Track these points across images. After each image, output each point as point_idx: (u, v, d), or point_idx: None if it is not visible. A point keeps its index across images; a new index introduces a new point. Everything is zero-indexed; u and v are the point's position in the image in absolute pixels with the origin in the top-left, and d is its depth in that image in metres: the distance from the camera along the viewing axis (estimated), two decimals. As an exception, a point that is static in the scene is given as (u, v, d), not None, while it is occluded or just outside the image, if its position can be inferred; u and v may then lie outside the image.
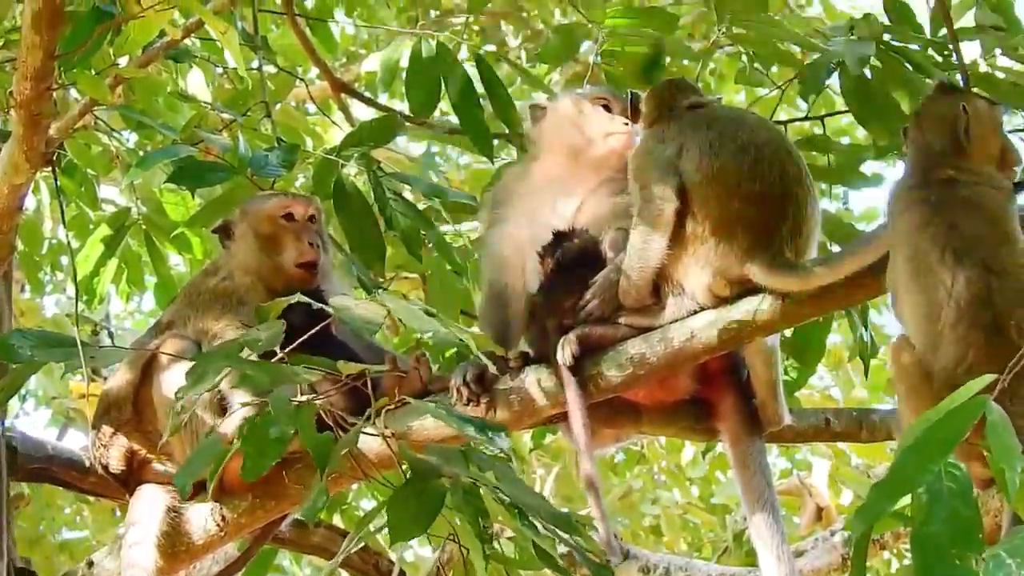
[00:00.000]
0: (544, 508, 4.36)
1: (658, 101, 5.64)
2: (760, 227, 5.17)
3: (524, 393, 5.42)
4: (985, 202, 4.77)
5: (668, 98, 5.63)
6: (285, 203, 6.04)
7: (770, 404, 5.58)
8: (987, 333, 4.52)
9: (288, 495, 5.54)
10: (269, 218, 5.99)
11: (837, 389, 13.39)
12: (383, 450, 5.09)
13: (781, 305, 5.14)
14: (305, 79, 9.57)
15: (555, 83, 10.96)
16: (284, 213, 5.99)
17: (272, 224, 5.97)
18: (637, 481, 13.36)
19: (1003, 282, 4.58)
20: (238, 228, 6.02)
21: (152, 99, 7.80)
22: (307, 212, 6.02)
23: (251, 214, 6.03)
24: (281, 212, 5.99)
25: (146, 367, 5.78)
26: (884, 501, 3.45)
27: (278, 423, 4.31)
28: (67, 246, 7.99)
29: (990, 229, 4.69)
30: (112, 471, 5.83)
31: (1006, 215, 4.76)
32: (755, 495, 5.56)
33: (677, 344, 5.27)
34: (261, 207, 6.03)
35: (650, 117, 5.63)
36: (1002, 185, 4.85)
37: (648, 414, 5.71)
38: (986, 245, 4.64)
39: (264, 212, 6.01)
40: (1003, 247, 4.67)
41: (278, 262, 5.90)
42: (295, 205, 6.03)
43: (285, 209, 6.00)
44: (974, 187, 4.79)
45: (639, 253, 5.30)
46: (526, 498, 4.34)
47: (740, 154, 5.23)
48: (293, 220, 5.98)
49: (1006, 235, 4.70)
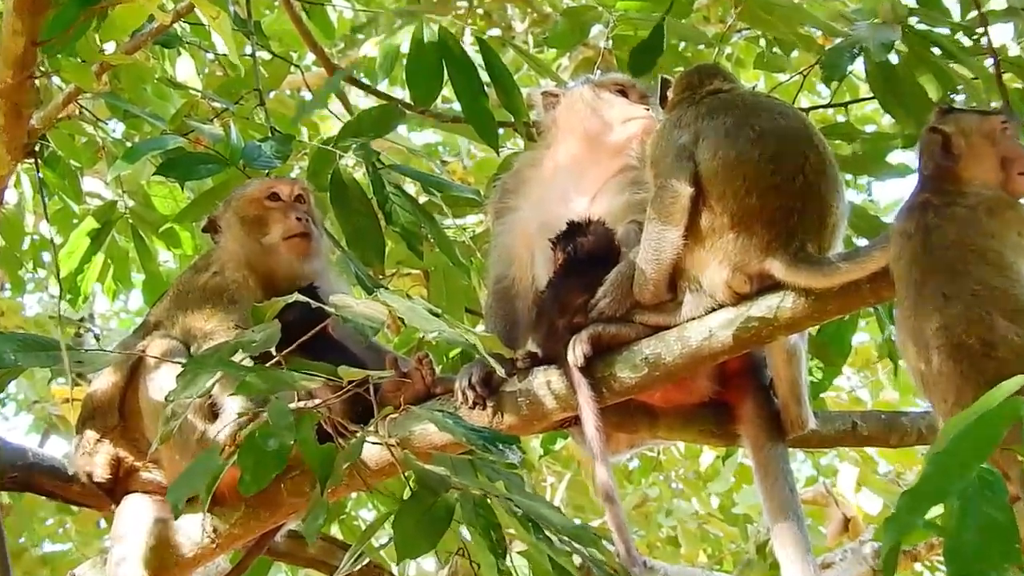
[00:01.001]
0: (558, 520, 4.36)
1: (683, 85, 5.65)
2: (781, 220, 5.16)
3: (533, 396, 5.42)
4: (946, 226, 4.79)
5: (694, 83, 5.63)
6: (268, 183, 6.06)
7: (793, 407, 5.58)
8: None
9: (283, 505, 5.54)
10: (253, 200, 5.99)
11: (865, 391, 13.39)
12: (384, 457, 5.10)
13: (804, 302, 5.13)
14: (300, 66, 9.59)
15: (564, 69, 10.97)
16: (268, 194, 6.00)
17: (257, 206, 5.98)
18: (653, 489, 13.36)
19: (957, 309, 4.61)
20: (223, 219, 6.03)
21: (140, 87, 7.81)
22: (293, 192, 6.02)
23: (234, 200, 6.04)
24: (265, 193, 6.00)
25: (133, 370, 5.78)
26: (915, 511, 3.44)
27: (277, 435, 4.29)
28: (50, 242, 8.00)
29: (954, 253, 4.71)
30: (97, 480, 5.83)
31: (974, 233, 4.77)
32: (778, 504, 5.55)
33: (694, 343, 5.26)
34: (243, 191, 6.06)
35: (673, 102, 5.64)
36: (977, 201, 4.86)
37: (664, 418, 5.71)
38: (943, 274, 4.67)
39: (247, 195, 6.02)
40: (968, 269, 4.68)
41: (266, 243, 5.90)
42: (279, 185, 6.04)
43: (269, 189, 6.01)
44: (942, 209, 4.82)
45: (653, 246, 5.29)
46: (540, 509, 4.34)
47: (758, 142, 5.23)
48: (279, 200, 5.99)
49: (975, 254, 4.71)
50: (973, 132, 5.03)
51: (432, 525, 4.18)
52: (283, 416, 4.34)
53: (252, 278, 5.87)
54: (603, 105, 5.91)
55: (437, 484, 4.27)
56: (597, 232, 5.59)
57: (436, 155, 12.92)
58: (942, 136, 5.00)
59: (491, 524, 4.22)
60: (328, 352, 5.04)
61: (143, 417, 5.73)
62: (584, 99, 5.95)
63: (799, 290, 5.14)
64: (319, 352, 4.79)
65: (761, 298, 5.20)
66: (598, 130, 5.86)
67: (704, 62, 6.12)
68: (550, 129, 6.03)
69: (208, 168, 6.46)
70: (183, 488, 4.56)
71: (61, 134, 7.68)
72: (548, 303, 5.54)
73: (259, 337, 4.47)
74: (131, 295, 13.71)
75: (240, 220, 5.97)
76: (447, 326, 4.47)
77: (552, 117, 6.02)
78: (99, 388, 5.85)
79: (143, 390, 5.70)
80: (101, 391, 5.84)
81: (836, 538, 11.47)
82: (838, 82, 6.74)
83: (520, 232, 5.83)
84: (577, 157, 5.87)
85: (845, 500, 11.76)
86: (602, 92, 5.96)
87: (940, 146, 5.00)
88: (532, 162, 6.04)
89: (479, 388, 5.41)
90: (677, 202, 5.24)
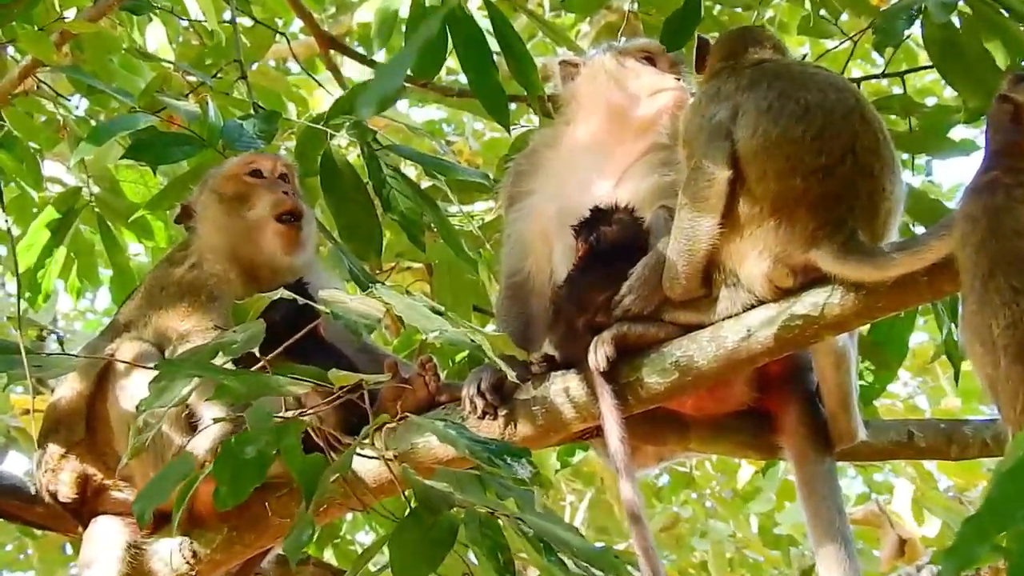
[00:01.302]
0: (575, 542, 4.37)
1: (725, 52, 5.63)
2: (828, 205, 5.15)
3: (549, 404, 5.42)
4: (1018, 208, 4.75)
5: (737, 49, 5.62)
6: (248, 158, 6.08)
7: (842, 417, 5.58)
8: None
9: (270, 527, 5.55)
10: (232, 177, 6.01)
11: (923, 397, 13.40)
12: (383, 473, 5.11)
13: (854, 298, 5.12)
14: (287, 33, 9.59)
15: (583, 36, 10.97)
16: (249, 170, 6.02)
17: (237, 183, 5.99)
18: (685, 509, 13.38)
19: None
20: (198, 203, 6.04)
21: (105, 59, 7.81)
22: (276, 168, 6.04)
23: (211, 179, 6.07)
24: (246, 169, 6.02)
25: (100, 376, 5.80)
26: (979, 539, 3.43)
27: (256, 442, 4.29)
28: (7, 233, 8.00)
29: None
30: (62, 500, 5.85)
31: None
32: (824, 524, 5.55)
33: (731, 344, 5.26)
34: (222, 168, 6.08)
35: (711, 70, 5.63)
36: None
37: (696, 428, 5.72)
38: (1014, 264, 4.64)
39: (224, 172, 6.04)
40: None
41: (252, 218, 5.90)
42: (261, 160, 6.07)
43: (249, 166, 6.03)
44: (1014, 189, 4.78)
45: (686, 235, 5.29)
46: (554, 530, 4.35)
47: (804, 118, 5.21)
48: (261, 176, 6.00)
49: None
50: None
51: (433, 547, 4.19)
52: (263, 420, 4.33)
53: (234, 271, 5.88)
54: (628, 75, 5.92)
55: (439, 501, 4.28)
56: (623, 220, 5.59)
57: (440, 134, 12.93)
58: (1014, 106, 4.97)
59: (499, 546, 4.22)
60: (319, 355, 5.06)
61: (112, 429, 5.75)
62: (607, 69, 5.96)
63: (848, 284, 5.13)
64: (308, 355, 4.80)
65: (806, 293, 5.19)
66: (623, 104, 5.87)
67: (748, 25, 6.09)
68: (569, 104, 6.04)
69: (183, 150, 6.47)
70: (151, 497, 4.52)
71: (17, 112, 7.68)
72: (567, 299, 5.53)
73: (241, 338, 4.46)
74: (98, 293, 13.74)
75: (218, 198, 5.98)
76: (450, 325, 4.46)
77: (571, 90, 6.03)
78: (63, 397, 5.87)
79: (112, 399, 5.72)
80: (65, 400, 5.85)
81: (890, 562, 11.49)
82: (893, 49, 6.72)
83: (536, 220, 5.84)
84: (599, 135, 5.87)
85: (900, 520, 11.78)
86: (627, 60, 5.96)
87: (1011, 117, 4.96)
88: (549, 141, 6.05)
89: (489, 395, 5.42)
90: (712, 186, 5.23)
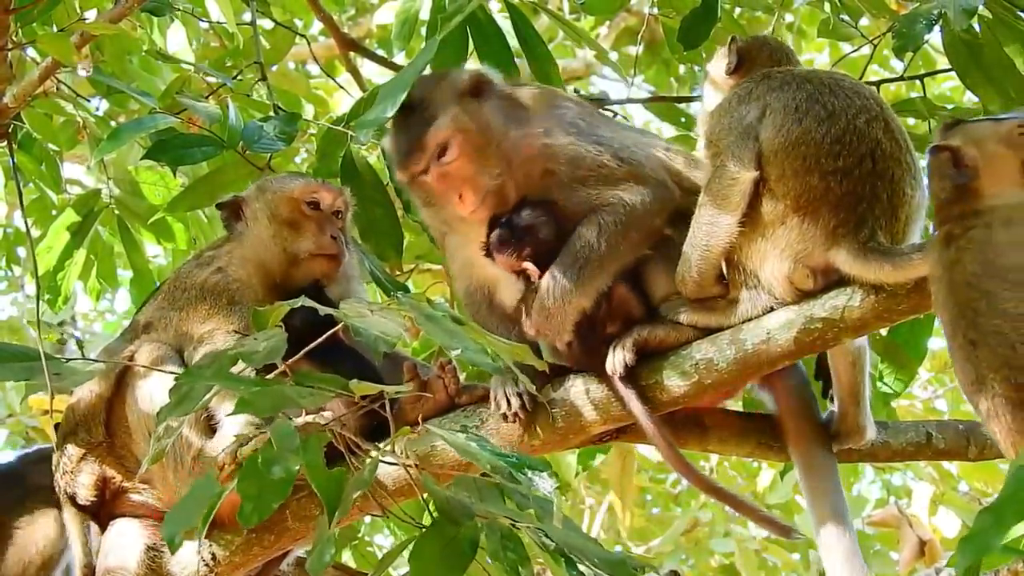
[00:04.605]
0: (596, 552, 4.35)
1: (765, 57, 5.71)
2: (847, 206, 5.16)
3: (569, 406, 5.42)
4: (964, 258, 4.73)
5: (779, 59, 5.67)
6: (313, 187, 6.04)
7: (853, 413, 5.58)
8: None
9: (289, 529, 5.55)
10: (292, 201, 5.98)
11: (942, 400, 13.36)
12: (402, 475, 5.09)
13: (874, 300, 5.13)
14: (307, 35, 9.59)
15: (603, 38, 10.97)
16: (310, 199, 5.99)
17: (294, 209, 5.97)
18: (704, 512, 13.35)
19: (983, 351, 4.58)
20: (250, 208, 6.02)
21: (125, 60, 7.83)
22: (335, 203, 6.02)
23: (270, 192, 6.03)
24: (307, 197, 5.99)
25: (120, 378, 5.80)
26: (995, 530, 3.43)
27: (282, 461, 4.27)
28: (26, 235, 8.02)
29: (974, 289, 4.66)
30: (81, 502, 5.84)
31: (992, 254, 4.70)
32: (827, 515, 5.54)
33: (750, 347, 5.26)
34: (284, 186, 6.03)
35: (745, 71, 5.65)
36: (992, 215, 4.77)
37: (715, 430, 5.72)
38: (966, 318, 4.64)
39: (286, 193, 6.00)
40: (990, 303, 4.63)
41: (291, 252, 5.90)
42: (323, 192, 6.02)
43: (312, 195, 6.00)
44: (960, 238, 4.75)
45: (704, 231, 5.31)
46: (574, 540, 4.33)
47: (826, 121, 5.22)
48: (318, 209, 5.98)
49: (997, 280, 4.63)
50: (986, 140, 4.93)
51: (454, 559, 4.17)
52: (288, 439, 4.30)
53: (258, 277, 5.88)
54: None
55: (460, 513, 4.26)
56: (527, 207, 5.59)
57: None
58: (950, 152, 4.95)
59: (520, 558, 4.21)
60: (339, 358, 5.05)
61: (131, 431, 5.74)
62: None
63: (868, 286, 5.14)
64: (329, 358, 4.77)
65: (825, 296, 5.20)
66: None
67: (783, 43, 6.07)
68: None
69: (203, 151, 6.47)
70: (179, 521, 4.45)
71: (37, 113, 7.69)
72: None
73: (262, 347, 4.42)
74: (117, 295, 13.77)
75: (271, 217, 5.96)
76: (472, 342, 4.40)
77: None
78: (82, 399, 5.86)
79: (131, 401, 5.72)
80: (84, 403, 5.84)
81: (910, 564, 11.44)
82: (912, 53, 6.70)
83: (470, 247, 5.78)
84: None
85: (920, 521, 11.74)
86: None
87: (951, 163, 4.94)
88: None
89: (525, 397, 5.41)
90: (736, 185, 5.24)
